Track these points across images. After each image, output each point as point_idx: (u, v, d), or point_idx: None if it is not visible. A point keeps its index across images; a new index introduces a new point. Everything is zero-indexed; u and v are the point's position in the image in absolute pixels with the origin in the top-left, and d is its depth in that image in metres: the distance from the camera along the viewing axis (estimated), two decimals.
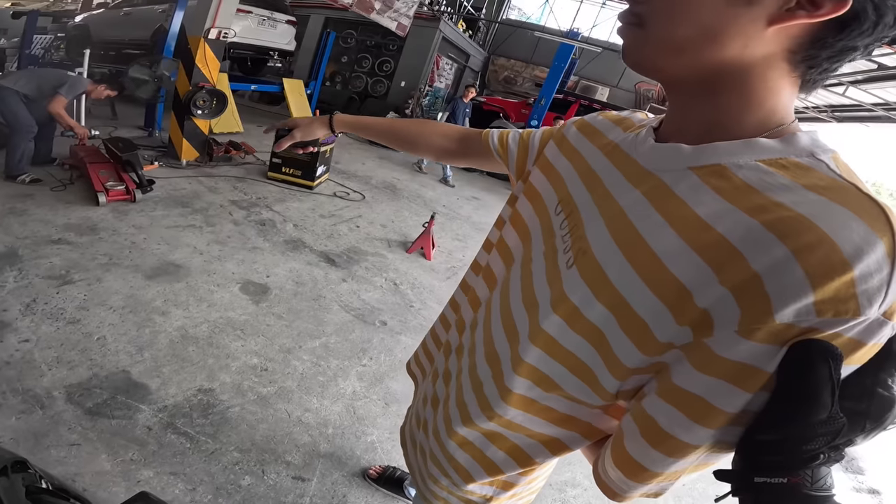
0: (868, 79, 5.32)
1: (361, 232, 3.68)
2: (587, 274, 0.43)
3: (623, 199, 0.44)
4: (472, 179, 7.38)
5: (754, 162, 0.36)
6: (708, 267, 0.34)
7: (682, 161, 0.40)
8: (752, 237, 0.33)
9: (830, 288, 0.29)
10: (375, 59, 10.26)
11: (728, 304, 0.33)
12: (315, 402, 1.84)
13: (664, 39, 0.37)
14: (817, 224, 0.30)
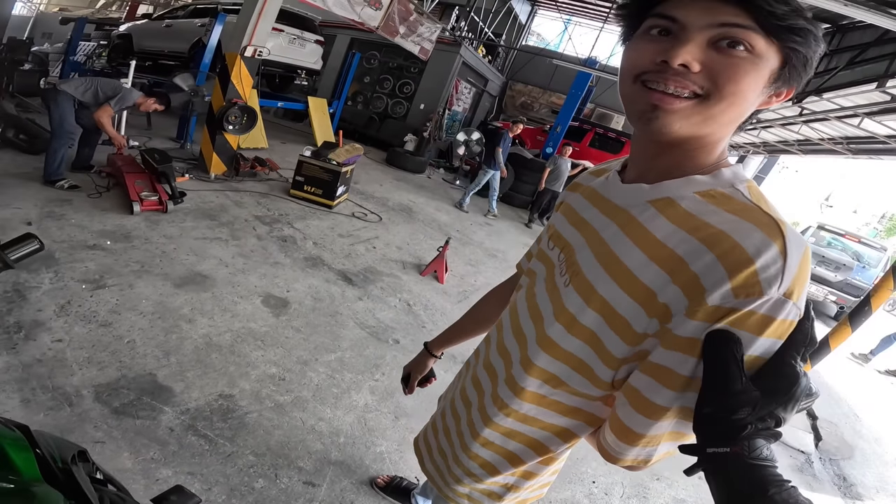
0: (882, 111, 5.42)
1: (378, 253, 3.84)
2: (580, 289, 0.58)
3: (604, 232, 0.59)
4: (485, 205, 7.54)
5: (692, 194, 0.52)
6: (665, 273, 0.50)
7: (642, 197, 0.56)
8: (691, 249, 0.48)
9: (741, 278, 0.44)
10: (397, 81, 10.62)
11: (679, 297, 0.48)
12: (328, 412, 1.95)
13: (719, 115, 0.48)
14: (731, 236, 0.46)
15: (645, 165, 0.58)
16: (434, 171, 8.95)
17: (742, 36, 0.46)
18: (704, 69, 0.47)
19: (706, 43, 0.47)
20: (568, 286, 0.60)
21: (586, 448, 2.17)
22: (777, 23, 0.45)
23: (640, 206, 0.56)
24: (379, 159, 8.07)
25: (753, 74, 0.47)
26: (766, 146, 10.50)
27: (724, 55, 0.47)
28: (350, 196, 5.06)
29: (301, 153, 4.48)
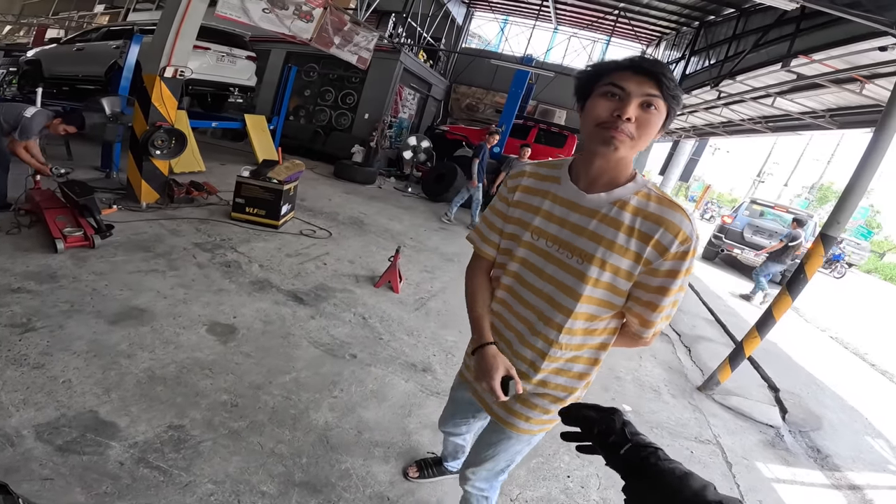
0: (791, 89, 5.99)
1: (329, 269, 3.83)
2: (594, 262, 0.98)
3: (590, 225, 0.99)
4: (439, 210, 7.67)
5: (633, 195, 0.97)
6: (641, 243, 0.95)
7: (607, 201, 0.98)
8: (650, 227, 0.94)
9: (681, 236, 0.92)
10: (339, 92, 10.58)
11: (654, 253, 0.94)
12: (287, 433, 1.94)
13: (638, 146, 0.93)
14: (664, 217, 0.94)
15: (595, 176, 1.00)
16: (385, 180, 8.98)
17: (655, 102, 0.90)
18: (636, 121, 0.90)
19: (638, 104, 0.90)
20: (582, 263, 0.99)
21: (557, 443, 2.28)
22: (670, 93, 0.89)
23: (606, 206, 0.98)
24: (327, 173, 8.01)
25: (657, 121, 0.91)
26: (696, 130, 11.31)
27: (647, 112, 0.90)
28: (297, 214, 5.01)
29: (239, 174, 4.40)
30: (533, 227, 1.07)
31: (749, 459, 2.73)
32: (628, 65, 0.90)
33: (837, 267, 15.62)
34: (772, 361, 4.47)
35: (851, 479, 2.85)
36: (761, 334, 3.35)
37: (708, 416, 3.12)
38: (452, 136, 11.06)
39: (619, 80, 0.89)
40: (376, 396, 2.36)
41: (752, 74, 5.74)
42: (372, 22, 9.11)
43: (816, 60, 4.63)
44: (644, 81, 0.88)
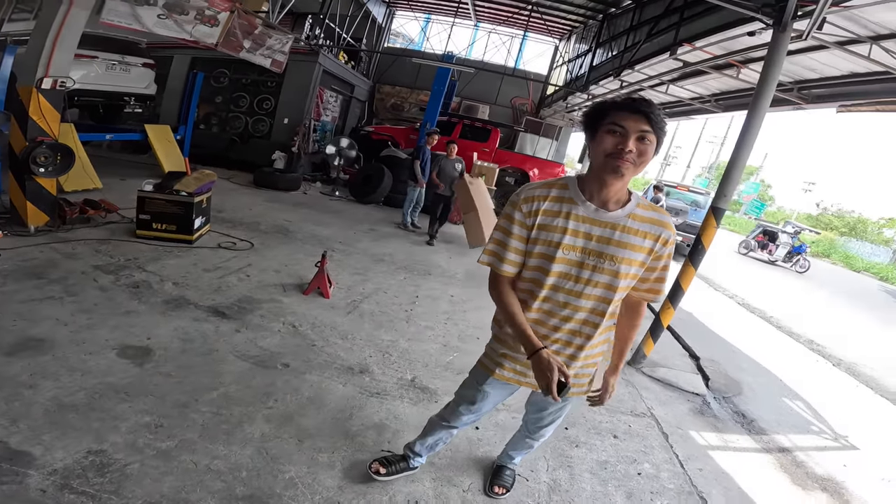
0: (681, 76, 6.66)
1: (253, 280, 3.72)
2: (625, 261, 1.30)
3: (614, 236, 1.29)
4: (369, 211, 7.65)
5: (636, 208, 1.31)
6: (651, 241, 1.31)
7: (623, 216, 1.30)
8: (655, 229, 1.31)
9: (673, 232, 1.34)
10: (254, 98, 10.16)
11: (660, 245, 1.33)
12: (222, 449, 1.90)
13: (638, 171, 1.23)
14: (661, 220, 1.32)
15: (608, 197, 1.29)
16: (310, 185, 8.77)
17: (648, 136, 1.18)
18: (636, 150, 1.18)
19: (635, 138, 1.18)
20: (615, 265, 1.29)
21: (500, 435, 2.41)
22: (658, 127, 1.17)
23: (623, 219, 1.29)
24: (246, 182, 7.68)
25: (651, 150, 1.19)
26: None
27: (643, 144, 1.18)
28: (214, 226, 4.78)
29: (140, 188, 4.12)
30: (563, 244, 1.30)
31: (683, 429, 2.95)
32: (626, 105, 1.18)
33: (800, 260, 14.36)
34: (690, 331, 4.94)
35: (779, 442, 3.08)
36: (674, 305, 3.71)
37: (640, 389, 3.38)
38: (378, 137, 11.04)
39: (620, 120, 1.18)
40: (314, 403, 2.35)
41: (647, 63, 6.30)
42: (287, 24, 8.87)
43: (698, 48, 5.18)
44: (639, 119, 1.16)
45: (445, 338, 3.49)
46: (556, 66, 14.63)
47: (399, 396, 2.58)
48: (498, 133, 11.02)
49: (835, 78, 5.14)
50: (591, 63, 9.38)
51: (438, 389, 2.74)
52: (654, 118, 1.16)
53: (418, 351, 3.17)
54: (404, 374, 2.84)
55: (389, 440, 2.20)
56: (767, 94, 3.49)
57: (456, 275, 5.25)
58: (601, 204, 1.29)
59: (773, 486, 2.61)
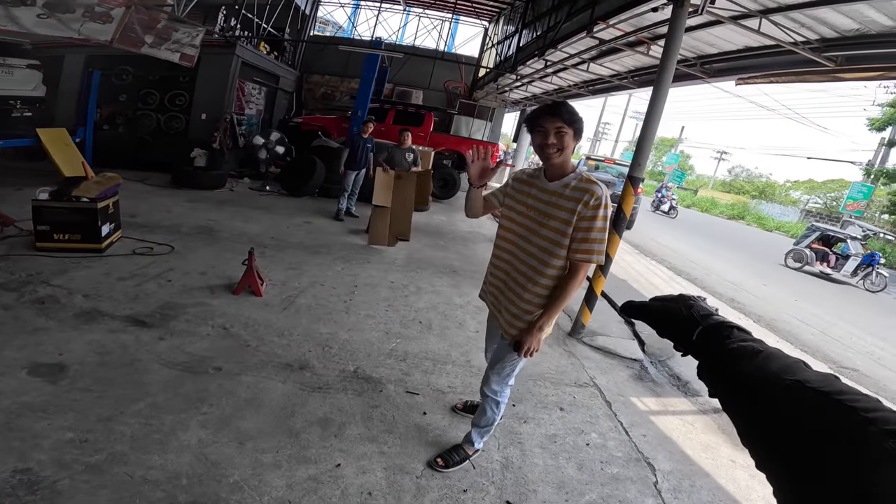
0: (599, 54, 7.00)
1: (175, 285, 3.55)
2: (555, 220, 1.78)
3: (552, 199, 1.80)
4: (302, 204, 7.48)
5: (573, 180, 1.78)
6: (576, 203, 1.73)
7: (559, 185, 1.80)
8: (579, 193, 1.74)
9: (595, 197, 1.71)
10: (165, 94, 9.51)
11: (583, 208, 1.72)
12: (157, 459, 1.87)
13: (566, 154, 1.77)
14: (588, 187, 1.73)
15: (552, 174, 1.82)
16: (237, 182, 8.40)
17: (563, 129, 1.72)
18: (556, 142, 1.72)
19: (554, 133, 1.72)
20: (549, 220, 1.77)
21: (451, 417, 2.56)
22: (569, 121, 1.71)
23: (560, 188, 1.78)
24: (163, 183, 7.21)
25: (569, 138, 1.73)
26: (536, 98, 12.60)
27: (559, 136, 1.72)
28: (127, 232, 4.48)
29: (34, 197, 3.78)
30: (528, 203, 1.87)
31: (624, 396, 3.14)
32: (544, 111, 1.74)
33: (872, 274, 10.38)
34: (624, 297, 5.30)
35: (713, 403, 3.18)
36: (604, 273, 3.97)
37: (582, 359, 3.57)
38: (308, 128, 10.75)
39: (541, 122, 1.73)
40: (252, 404, 2.32)
41: (568, 42, 6.53)
42: (198, 17, 8.36)
43: (612, 25, 5.47)
44: (554, 119, 1.70)
45: (387, 325, 3.53)
46: (486, 49, 14.84)
47: (342, 389, 2.60)
48: (432, 117, 11.08)
49: (732, 52, 5.63)
50: (518, 44, 9.60)
51: (382, 378, 2.79)
52: (565, 115, 1.69)
53: (359, 341, 3.20)
54: (346, 365, 2.86)
55: (336, 434, 2.23)
56: (670, 68, 3.79)
57: (395, 260, 5.29)
58: (549, 179, 1.83)
59: (713, 447, 2.79)
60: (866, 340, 6.04)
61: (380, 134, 9.92)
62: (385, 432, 2.32)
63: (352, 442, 2.20)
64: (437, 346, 3.35)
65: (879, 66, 4.37)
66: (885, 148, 17.33)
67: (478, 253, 6.38)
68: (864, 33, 4.14)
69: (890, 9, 3.59)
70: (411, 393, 2.70)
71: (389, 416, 2.45)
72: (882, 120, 16.13)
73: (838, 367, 4.76)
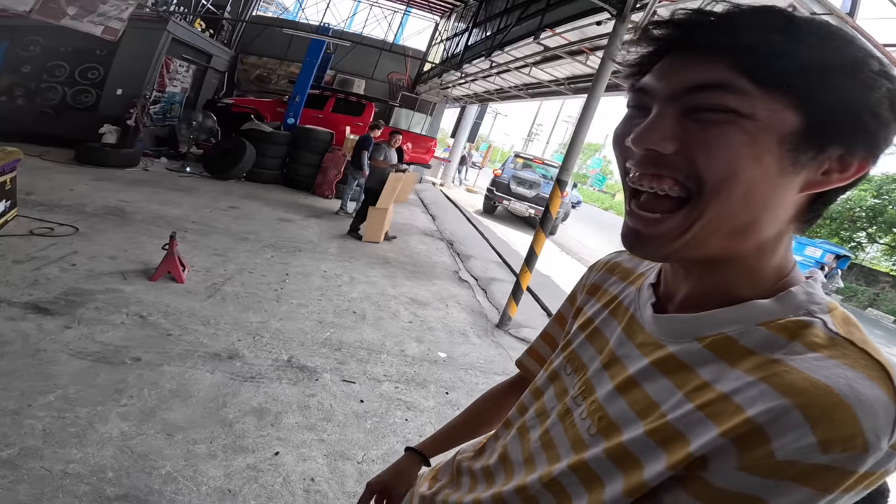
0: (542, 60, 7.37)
1: (81, 269, 3.29)
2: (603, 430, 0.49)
3: (633, 366, 0.49)
4: (228, 188, 7.15)
5: (755, 327, 0.42)
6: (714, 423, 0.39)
7: (687, 333, 0.46)
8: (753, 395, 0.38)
9: (831, 426, 0.34)
10: (76, 67, 8.74)
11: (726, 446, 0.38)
12: (76, 452, 1.79)
13: (720, 220, 0.40)
14: (817, 379, 0.36)
15: (679, 283, 0.50)
16: (153, 161, 7.87)
17: (713, 100, 0.39)
18: (683, 148, 0.41)
19: (680, 114, 0.41)
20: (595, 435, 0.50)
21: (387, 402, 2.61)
22: (770, 63, 0.38)
23: (683, 343, 0.47)
24: (65, 160, 6.58)
25: (747, 145, 0.38)
26: (477, 96, 12.98)
27: (702, 125, 0.40)
28: (24, 211, 4.05)
29: None
30: (570, 348, 0.63)
31: None
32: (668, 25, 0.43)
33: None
34: (548, 292, 5.63)
35: None
36: (530, 268, 4.22)
37: (508, 349, 3.77)
38: (240, 110, 10.29)
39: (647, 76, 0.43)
40: (179, 395, 2.25)
41: (515, 46, 6.84)
42: None
43: (558, 34, 5.81)
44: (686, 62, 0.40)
45: (321, 314, 3.52)
46: (434, 44, 14.97)
47: (277, 378, 2.58)
48: (372, 107, 11.03)
49: None
50: (467, 42, 9.82)
51: (318, 367, 2.80)
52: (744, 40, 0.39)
53: (292, 330, 3.17)
54: (279, 354, 2.83)
55: (272, 423, 2.22)
56: (605, 78, 4.11)
57: (328, 249, 5.26)
58: (666, 295, 0.54)
59: None
60: None
61: (317, 122, 9.74)
62: (323, 420, 2.34)
63: (290, 430, 2.20)
64: (372, 335, 3.40)
65: None
66: None
67: (410, 244, 6.46)
68: None
69: None
70: (348, 381, 2.73)
71: (327, 405, 2.47)
72: None
73: None
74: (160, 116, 9.57)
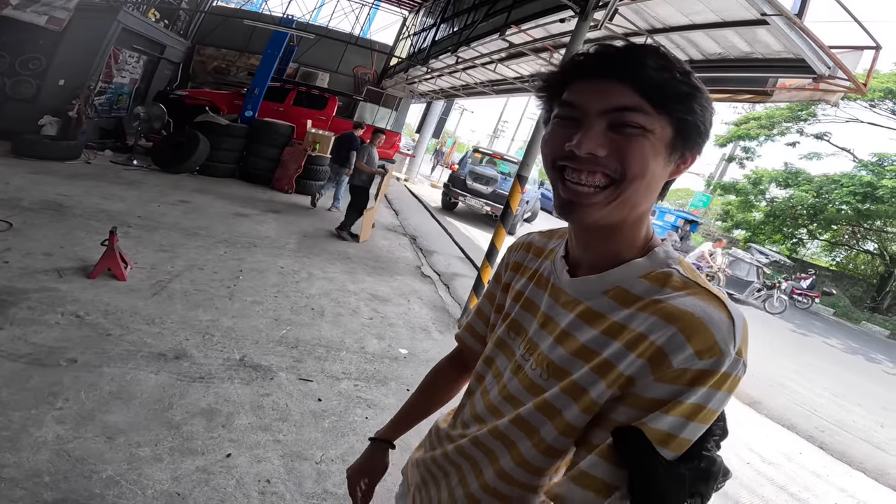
0: (507, 56, 7.44)
1: (13, 267, 3.07)
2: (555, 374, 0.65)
3: (563, 321, 0.67)
4: (179, 182, 6.86)
5: (637, 279, 0.62)
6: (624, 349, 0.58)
7: (595, 289, 0.65)
8: (652, 325, 0.57)
9: (701, 342, 0.53)
10: (16, 57, 8.16)
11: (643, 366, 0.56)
12: (10, 456, 1.72)
13: (631, 196, 0.58)
14: (686, 310, 0.55)
15: (582, 252, 0.68)
16: (96, 153, 7.46)
17: (631, 118, 0.55)
18: (612, 152, 0.56)
19: (606, 127, 0.56)
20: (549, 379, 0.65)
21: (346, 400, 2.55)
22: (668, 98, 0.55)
23: (595, 297, 0.65)
24: (1, 152, 6.14)
25: (647, 149, 0.56)
26: (443, 92, 12.99)
27: (623, 137, 0.56)
28: None
29: None
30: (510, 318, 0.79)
31: None
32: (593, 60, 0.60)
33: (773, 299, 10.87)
34: None
35: None
36: (491, 263, 4.27)
37: None
38: (194, 102, 9.89)
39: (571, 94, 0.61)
40: (120, 397, 2.15)
41: (481, 42, 6.86)
42: None
43: (523, 30, 5.85)
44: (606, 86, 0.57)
45: (276, 311, 3.42)
46: (402, 38, 14.89)
47: (228, 378, 2.50)
48: (335, 101, 10.85)
49: None
50: (434, 37, 9.79)
51: (273, 366, 2.72)
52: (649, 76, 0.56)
53: (246, 328, 3.06)
54: (231, 353, 2.74)
55: (223, 424, 2.15)
56: None
57: (287, 245, 5.15)
58: (573, 261, 0.71)
59: None
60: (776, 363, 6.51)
61: (278, 115, 9.48)
62: (279, 420, 2.29)
63: (242, 432, 2.14)
64: (331, 332, 3.33)
65: (729, 89, 5.23)
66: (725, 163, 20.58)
67: (373, 240, 6.44)
68: (724, 57, 4.92)
69: (750, 35, 4.23)
70: (305, 380, 2.66)
71: (282, 404, 2.41)
72: (726, 137, 18.92)
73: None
74: (106, 108, 9.20)
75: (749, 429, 3.94)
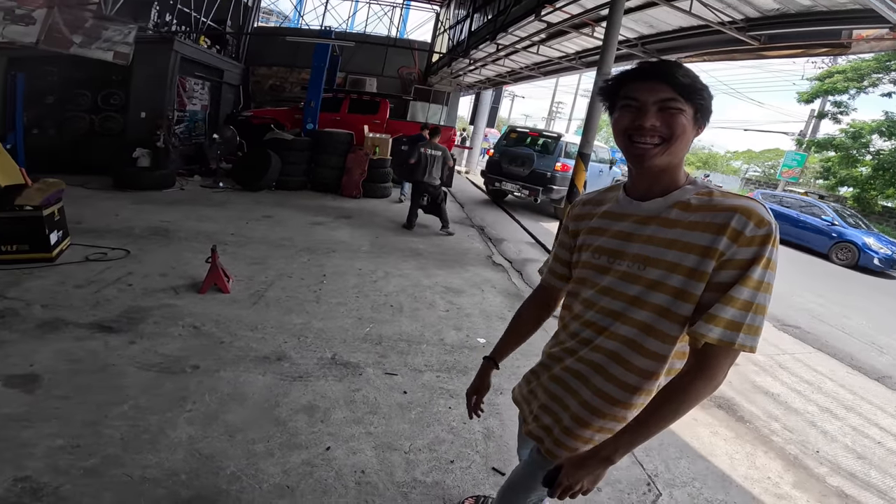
0: (548, 37, 7.24)
1: (137, 289, 3.50)
2: (656, 265, 0.96)
3: (646, 230, 0.99)
4: (260, 198, 7.36)
5: (693, 196, 0.96)
6: (710, 234, 0.90)
7: (663, 206, 0.98)
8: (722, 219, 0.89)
9: (757, 219, 0.87)
10: (97, 94, 8.97)
11: (728, 242, 0.88)
12: (151, 457, 1.90)
13: (675, 149, 0.94)
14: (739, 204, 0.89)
15: (647, 187, 1.01)
16: (187, 180, 8.15)
17: (676, 105, 0.91)
18: (662, 123, 0.92)
19: (656, 111, 0.92)
20: (642, 267, 0.97)
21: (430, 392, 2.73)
22: (692, 92, 0.91)
23: (666, 209, 0.98)
24: (104, 187, 6.90)
25: (683, 122, 0.92)
26: (490, 81, 12.80)
27: (667, 114, 0.92)
28: (76, 239, 4.31)
29: None
30: (607, 248, 1.05)
31: None
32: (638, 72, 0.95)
33: None
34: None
35: None
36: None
37: (549, 329, 3.73)
38: (259, 121, 10.48)
39: (632, 91, 0.94)
40: (235, 399, 2.37)
41: (518, 26, 6.73)
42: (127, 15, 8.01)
43: (558, 8, 5.68)
44: (655, 86, 0.92)
45: (359, 311, 3.63)
46: (439, 34, 14.84)
47: (322, 376, 2.68)
48: (387, 104, 11.05)
49: (668, 33, 5.99)
50: (470, 28, 9.70)
51: (360, 362, 2.89)
52: (679, 79, 0.90)
53: (333, 328, 3.28)
54: (323, 353, 2.94)
55: (322, 419, 2.32)
56: (612, 48, 4.04)
57: (361, 248, 5.38)
58: (641, 196, 1.02)
59: None
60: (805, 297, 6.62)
61: (336, 124, 9.85)
62: (369, 413, 2.42)
63: (339, 425, 2.28)
64: (410, 327, 3.48)
65: (799, 44, 4.80)
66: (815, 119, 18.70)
67: (441, 234, 6.56)
68: (784, 13, 4.53)
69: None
70: (390, 374, 2.82)
71: (372, 398, 2.55)
72: (810, 93, 17.27)
73: (782, 324, 5.26)
74: (186, 135, 9.78)
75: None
